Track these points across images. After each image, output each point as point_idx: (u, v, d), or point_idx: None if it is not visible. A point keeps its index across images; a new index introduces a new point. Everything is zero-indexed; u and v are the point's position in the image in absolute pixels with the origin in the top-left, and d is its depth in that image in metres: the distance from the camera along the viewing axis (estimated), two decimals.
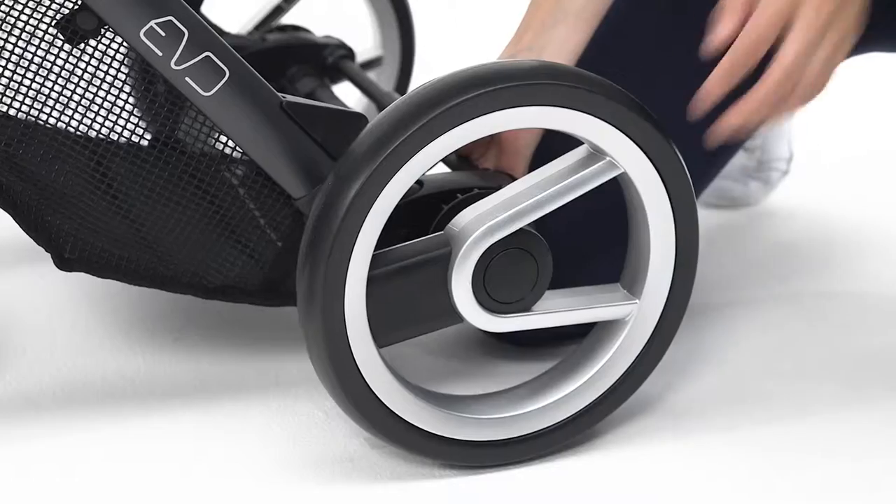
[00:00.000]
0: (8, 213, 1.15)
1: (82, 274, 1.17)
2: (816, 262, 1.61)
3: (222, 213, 1.17)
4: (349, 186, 1.06)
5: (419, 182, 1.19)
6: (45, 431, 1.21)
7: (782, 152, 1.74)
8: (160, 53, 1.07)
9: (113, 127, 1.13)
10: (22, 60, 1.11)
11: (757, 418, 1.26)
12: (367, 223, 1.06)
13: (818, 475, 1.18)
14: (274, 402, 1.27)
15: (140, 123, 1.14)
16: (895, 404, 1.29)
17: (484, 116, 1.07)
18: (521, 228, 1.10)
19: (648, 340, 1.18)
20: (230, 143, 1.13)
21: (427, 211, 1.19)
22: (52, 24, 1.09)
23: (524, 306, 1.13)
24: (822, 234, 1.68)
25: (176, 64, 1.07)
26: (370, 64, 1.70)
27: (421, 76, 1.72)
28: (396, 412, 1.12)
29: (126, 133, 1.13)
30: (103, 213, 1.17)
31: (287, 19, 1.64)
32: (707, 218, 1.69)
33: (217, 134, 1.13)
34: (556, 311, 1.14)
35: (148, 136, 1.15)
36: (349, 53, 1.57)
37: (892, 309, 1.49)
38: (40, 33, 1.10)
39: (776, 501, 1.15)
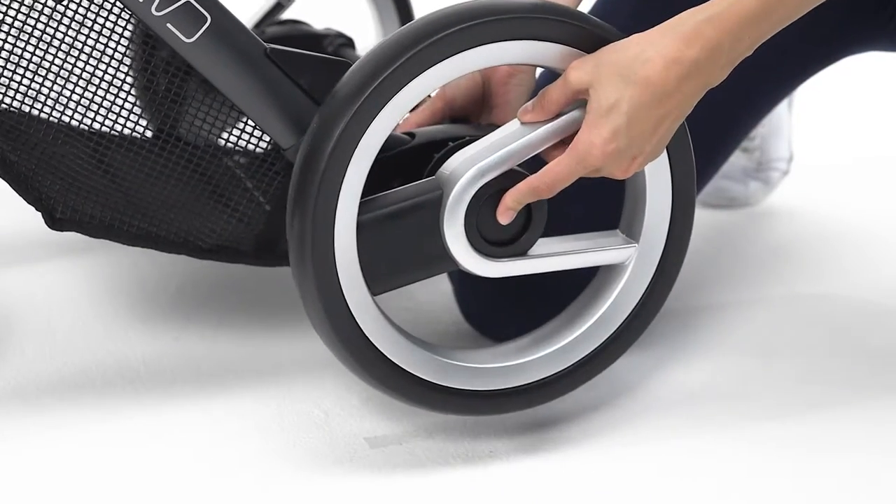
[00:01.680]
0: None
1: (82, 274, 1.17)
2: (816, 262, 1.61)
3: (207, 178, 1.17)
4: (333, 127, 1.06)
5: (410, 133, 1.19)
6: (45, 431, 1.21)
7: (782, 153, 1.74)
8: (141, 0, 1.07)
9: (101, 99, 1.13)
10: (12, 30, 1.11)
11: (756, 418, 1.26)
12: (352, 164, 1.06)
13: (817, 474, 1.18)
14: (274, 402, 1.27)
15: (130, 97, 1.14)
16: (894, 403, 1.29)
17: (466, 52, 1.08)
18: (512, 169, 1.10)
19: (649, 285, 1.18)
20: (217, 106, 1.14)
21: (419, 161, 1.18)
22: None
23: (519, 249, 1.13)
24: (822, 234, 1.68)
25: (157, 10, 1.07)
26: None
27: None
28: (392, 359, 1.12)
29: (116, 105, 1.13)
30: (93, 180, 1.18)
31: (287, 17, 1.64)
32: (707, 218, 1.69)
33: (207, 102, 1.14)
34: (553, 254, 1.14)
35: (136, 109, 1.16)
36: (349, 42, 1.58)
37: (891, 308, 1.49)
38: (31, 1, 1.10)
39: (775, 500, 1.15)
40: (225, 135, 1.18)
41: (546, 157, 1.11)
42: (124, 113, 1.14)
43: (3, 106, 1.13)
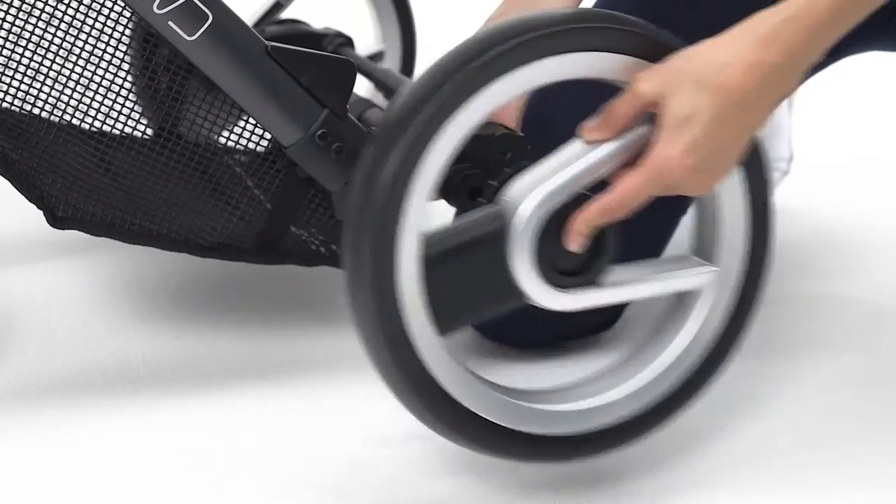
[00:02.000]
0: None
1: (83, 274, 1.17)
2: (816, 262, 1.61)
3: (209, 176, 1.17)
4: (390, 157, 0.98)
5: None
6: (45, 430, 1.21)
7: (782, 152, 1.74)
8: None
9: (101, 99, 1.13)
10: (14, 27, 1.11)
11: (755, 418, 1.26)
12: (413, 196, 0.98)
13: (816, 474, 1.18)
14: (274, 402, 1.27)
15: (130, 96, 1.14)
16: (894, 404, 1.29)
17: (528, 65, 1.00)
18: (579, 193, 1.03)
19: (731, 310, 1.12)
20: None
21: None
22: None
23: (591, 278, 1.05)
24: (822, 234, 1.68)
25: (159, 7, 1.06)
26: (372, 59, 1.70)
27: (422, 68, 1.73)
28: (468, 406, 1.04)
29: (117, 104, 1.13)
30: (94, 178, 1.18)
31: (287, 16, 1.64)
32: None
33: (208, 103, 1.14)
34: (630, 283, 1.07)
35: (137, 108, 1.16)
36: (348, 41, 1.58)
37: (891, 308, 1.49)
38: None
39: (774, 499, 1.15)
40: (226, 133, 1.18)
41: (612, 178, 1.03)
42: (125, 112, 1.14)
43: (5, 105, 1.13)
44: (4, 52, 1.11)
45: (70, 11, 1.11)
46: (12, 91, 1.12)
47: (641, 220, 1.06)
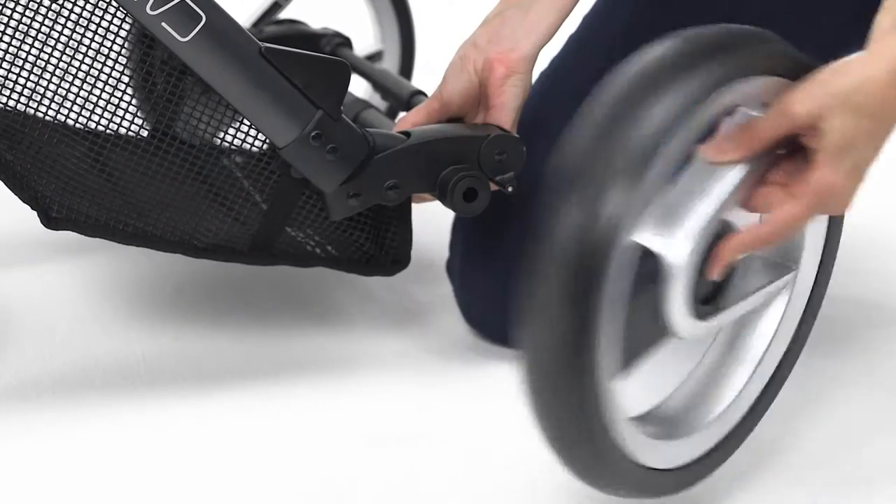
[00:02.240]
0: None
1: (81, 274, 1.17)
2: None
3: (204, 178, 1.17)
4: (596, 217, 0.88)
5: (406, 133, 1.17)
6: (44, 430, 1.21)
7: None
8: None
9: (96, 99, 1.13)
10: (7, 28, 1.11)
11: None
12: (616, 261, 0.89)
13: (816, 476, 1.18)
14: (273, 402, 1.27)
15: (125, 97, 1.14)
16: (893, 404, 1.29)
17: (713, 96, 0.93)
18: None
19: (804, 310, 1.11)
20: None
21: (418, 164, 1.16)
22: None
23: (727, 302, 1.02)
24: None
25: (152, 9, 1.06)
26: (370, 59, 1.70)
27: (422, 70, 1.73)
28: (644, 463, 1.00)
29: (111, 104, 1.14)
30: (89, 179, 1.18)
31: (285, 16, 1.64)
32: None
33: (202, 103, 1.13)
34: (747, 295, 1.04)
35: (132, 109, 1.16)
36: (346, 41, 1.58)
37: (892, 308, 1.49)
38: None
39: (774, 498, 1.15)
40: (221, 134, 1.18)
41: (747, 201, 0.98)
42: (120, 112, 1.14)
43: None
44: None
45: (64, 12, 1.11)
46: (6, 91, 1.12)
47: None
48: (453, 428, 1.23)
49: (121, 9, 1.09)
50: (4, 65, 1.12)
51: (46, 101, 1.13)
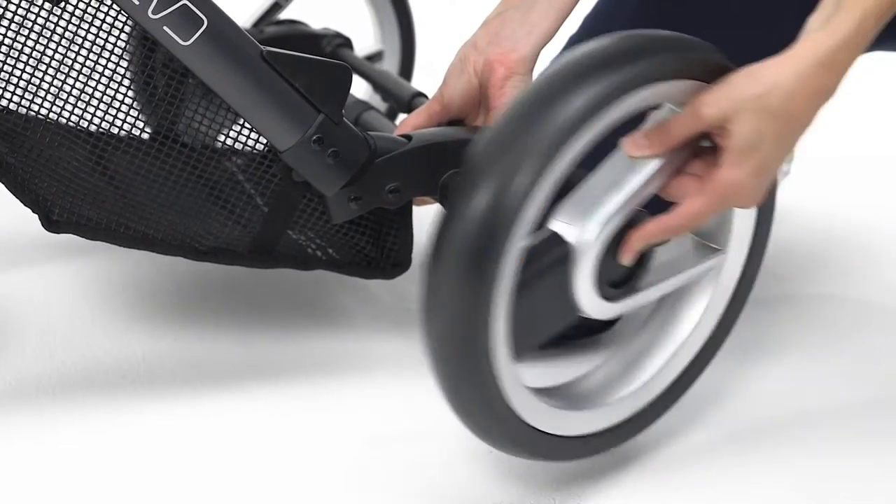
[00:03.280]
0: None
1: (82, 274, 1.17)
2: (816, 262, 1.61)
3: (206, 180, 1.17)
4: (492, 208, 0.95)
5: (407, 136, 1.17)
6: (44, 430, 1.21)
7: None
8: (137, 2, 1.06)
9: (98, 101, 1.13)
10: (9, 31, 1.11)
11: (755, 419, 1.26)
12: (513, 238, 0.96)
13: (816, 477, 1.18)
14: (273, 402, 1.27)
15: (127, 98, 1.14)
16: (893, 404, 1.29)
17: (617, 102, 0.98)
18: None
19: (733, 292, 1.15)
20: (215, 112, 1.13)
21: (419, 167, 1.16)
22: None
23: (637, 286, 1.08)
24: (822, 233, 1.68)
25: (153, 12, 1.06)
26: (371, 59, 1.70)
27: (423, 71, 1.73)
28: (535, 426, 1.07)
29: (113, 106, 1.14)
30: (90, 182, 1.18)
31: (286, 17, 1.64)
32: None
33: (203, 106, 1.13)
34: (661, 281, 1.09)
35: (136, 113, 1.16)
36: (346, 42, 1.58)
37: (892, 309, 1.49)
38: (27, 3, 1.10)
39: (776, 499, 1.15)
40: (223, 136, 1.18)
41: (662, 192, 1.05)
42: (121, 114, 1.14)
43: (1, 106, 1.13)
44: (1, 53, 1.11)
45: (66, 15, 1.11)
46: (8, 93, 1.12)
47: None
48: (453, 428, 1.23)
49: (123, 11, 1.09)
50: (6, 67, 1.12)
51: (48, 104, 1.13)
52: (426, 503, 1.14)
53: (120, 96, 1.14)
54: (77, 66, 1.12)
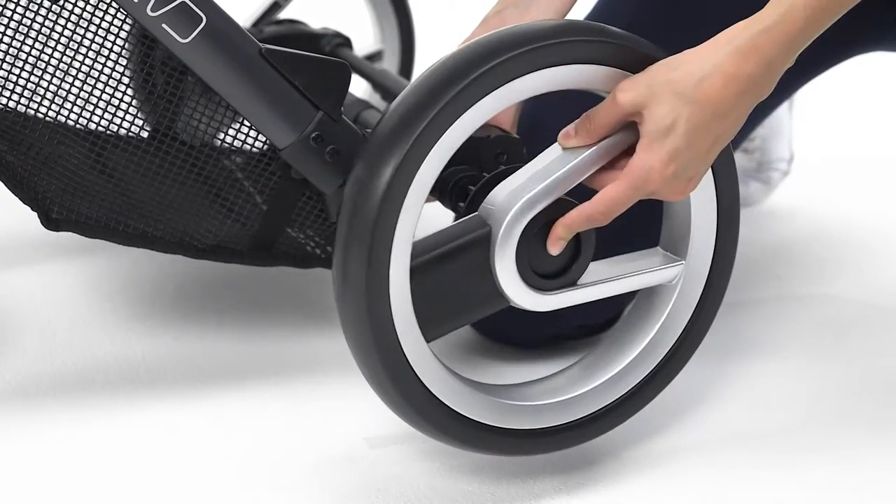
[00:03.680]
0: None
1: (82, 274, 1.17)
2: (816, 262, 1.61)
3: (205, 177, 1.17)
4: (383, 171, 1.01)
5: None
6: (45, 430, 1.21)
7: (783, 153, 1.74)
8: (136, 0, 1.06)
9: (97, 98, 1.13)
10: (7, 30, 1.11)
11: (755, 419, 1.26)
12: (405, 208, 1.01)
13: (815, 475, 1.18)
14: (274, 403, 1.27)
15: (126, 96, 1.14)
16: (893, 404, 1.29)
17: (514, 81, 1.03)
18: (559, 198, 1.06)
19: (699, 302, 1.15)
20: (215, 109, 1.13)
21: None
22: None
23: (570, 279, 1.08)
24: (822, 234, 1.68)
25: (152, 10, 1.06)
26: (370, 59, 1.70)
27: (422, 69, 1.73)
28: (454, 408, 1.08)
29: (112, 104, 1.14)
30: (90, 180, 1.18)
31: (286, 16, 1.64)
32: None
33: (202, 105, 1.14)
34: (604, 281, 1.10)
35: (134, 110, 1.16)
36: (346, 41, 1.57)
37: (892, 309, 1.49)
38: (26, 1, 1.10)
39: (770, 499, 1.15)
40: (222, 134, 1.18)
41: (592, 183, 1.06)
42: (120, 112, 1.14)
43: (1, 104, 1.13)
44: (3, 44, 1.11)
45: (65, 13, 1.11)
46: (7, 91, 1.12)
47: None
48: None
49: (121, 9, 1.09)
50: (5, 65, 1.12)
51: (47, 102, 1.13)
52: (426, 503, 1.14)
53: (119, 94, 1.14)
54: (76, 65, 1.12)
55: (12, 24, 1.11)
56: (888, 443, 1.23)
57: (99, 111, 1.14)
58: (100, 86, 1.13)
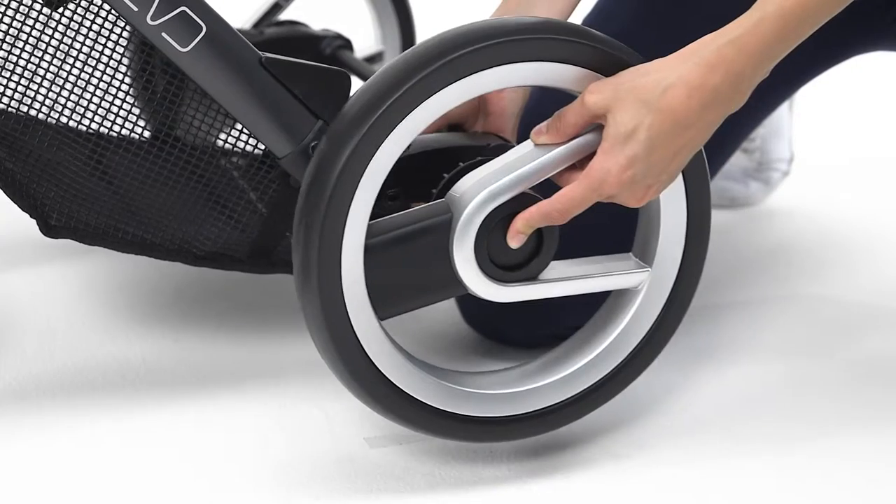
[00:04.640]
0: None
1: (82, 274, 1.17)
2: (816, 262, 1.61)
3: (205, 183, 1.17)
4: (342, 148, 1.04)
5: None
6: (44, 430, 1.21)
7: (783, 153, 1.74)
8: (136, 9, 1.06)
9: (96, 104, 1.13)
10: (8, 37, 1.11)
11: (756, 419, 1.26)
12: (360, 187, 1.04)
13: (815, 476, 1.18)
14: (273, 403, 1.27)
15: (126, 101, 1.14)
16: (894, 403, 1.29)
17: (479, 73, 1.05)
18: (524, 192, 1.07)
19: (662, 310, 1.16)
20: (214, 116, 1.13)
21: (418, 173, 1.16)
22: None
23: (530, 274, 1.10)
24: (822, 234, 1.68)
25: (152, 19, 1.06)
26: (371, 59, 1.70)
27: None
28: (400, 386, 1.10)
29: (112, 110, 1.14)
30: (89, 186, 1.18)
31: (286, 17, 1.64)
32: None
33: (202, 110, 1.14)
34: (565, 279, 1.11)
35: (135, 115, 1.16)
36: (346, 44, 1.58)
37: (891, 309, 1.49)
38: (25, 7, 1.10)
39: (777, 499, 1.15)
40: (223, 137, 1.18)
41: (558, 181, 1.08)
42: (121, 117, 1.14)
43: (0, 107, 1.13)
44: (2, 49, 1.11)
45: (64, 20, 1.11)
46: (6, 97, 1.12)
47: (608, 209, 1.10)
48: None
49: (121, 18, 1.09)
50: (4, 73, 1.12)
51: (46, 108, 1.13)
52: (426, 503, 1.14)
53: (119, 100, 1.14)
54: (75, 72, 1.12)
55: (12, 31, 1.11)
56: (888, 443, 1.23)
57: (98, 116, 1.14)
58: (100, 92, 1.13)
